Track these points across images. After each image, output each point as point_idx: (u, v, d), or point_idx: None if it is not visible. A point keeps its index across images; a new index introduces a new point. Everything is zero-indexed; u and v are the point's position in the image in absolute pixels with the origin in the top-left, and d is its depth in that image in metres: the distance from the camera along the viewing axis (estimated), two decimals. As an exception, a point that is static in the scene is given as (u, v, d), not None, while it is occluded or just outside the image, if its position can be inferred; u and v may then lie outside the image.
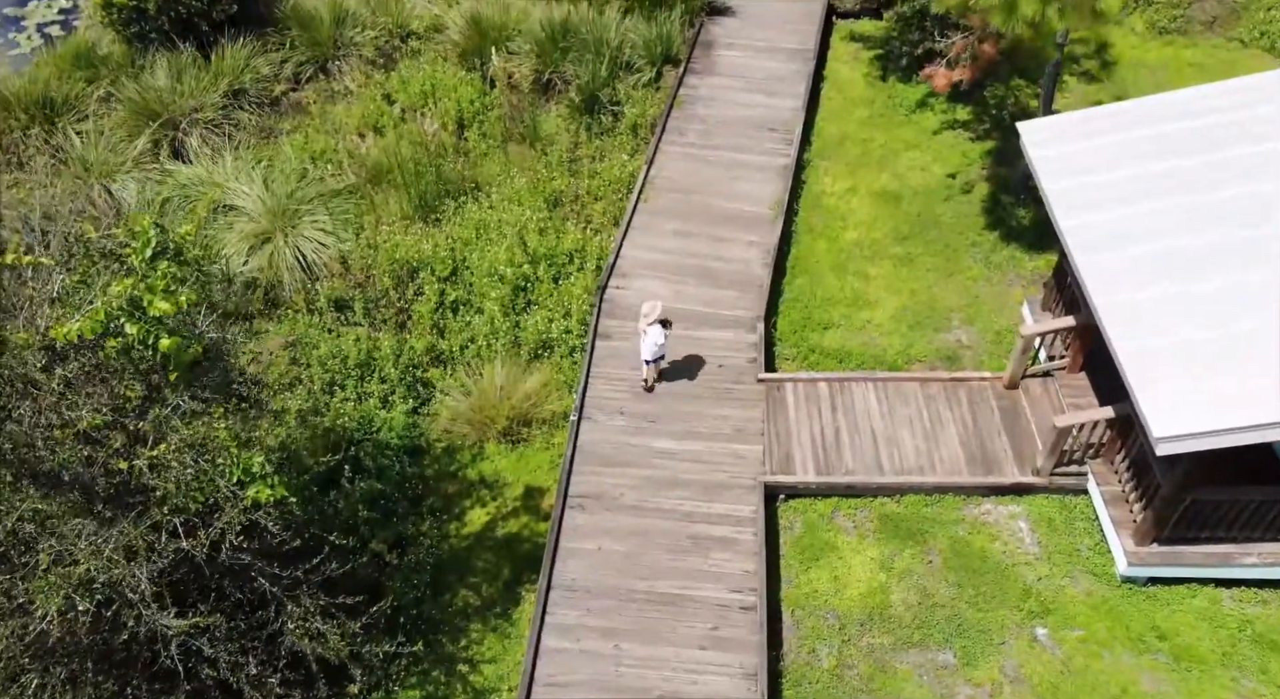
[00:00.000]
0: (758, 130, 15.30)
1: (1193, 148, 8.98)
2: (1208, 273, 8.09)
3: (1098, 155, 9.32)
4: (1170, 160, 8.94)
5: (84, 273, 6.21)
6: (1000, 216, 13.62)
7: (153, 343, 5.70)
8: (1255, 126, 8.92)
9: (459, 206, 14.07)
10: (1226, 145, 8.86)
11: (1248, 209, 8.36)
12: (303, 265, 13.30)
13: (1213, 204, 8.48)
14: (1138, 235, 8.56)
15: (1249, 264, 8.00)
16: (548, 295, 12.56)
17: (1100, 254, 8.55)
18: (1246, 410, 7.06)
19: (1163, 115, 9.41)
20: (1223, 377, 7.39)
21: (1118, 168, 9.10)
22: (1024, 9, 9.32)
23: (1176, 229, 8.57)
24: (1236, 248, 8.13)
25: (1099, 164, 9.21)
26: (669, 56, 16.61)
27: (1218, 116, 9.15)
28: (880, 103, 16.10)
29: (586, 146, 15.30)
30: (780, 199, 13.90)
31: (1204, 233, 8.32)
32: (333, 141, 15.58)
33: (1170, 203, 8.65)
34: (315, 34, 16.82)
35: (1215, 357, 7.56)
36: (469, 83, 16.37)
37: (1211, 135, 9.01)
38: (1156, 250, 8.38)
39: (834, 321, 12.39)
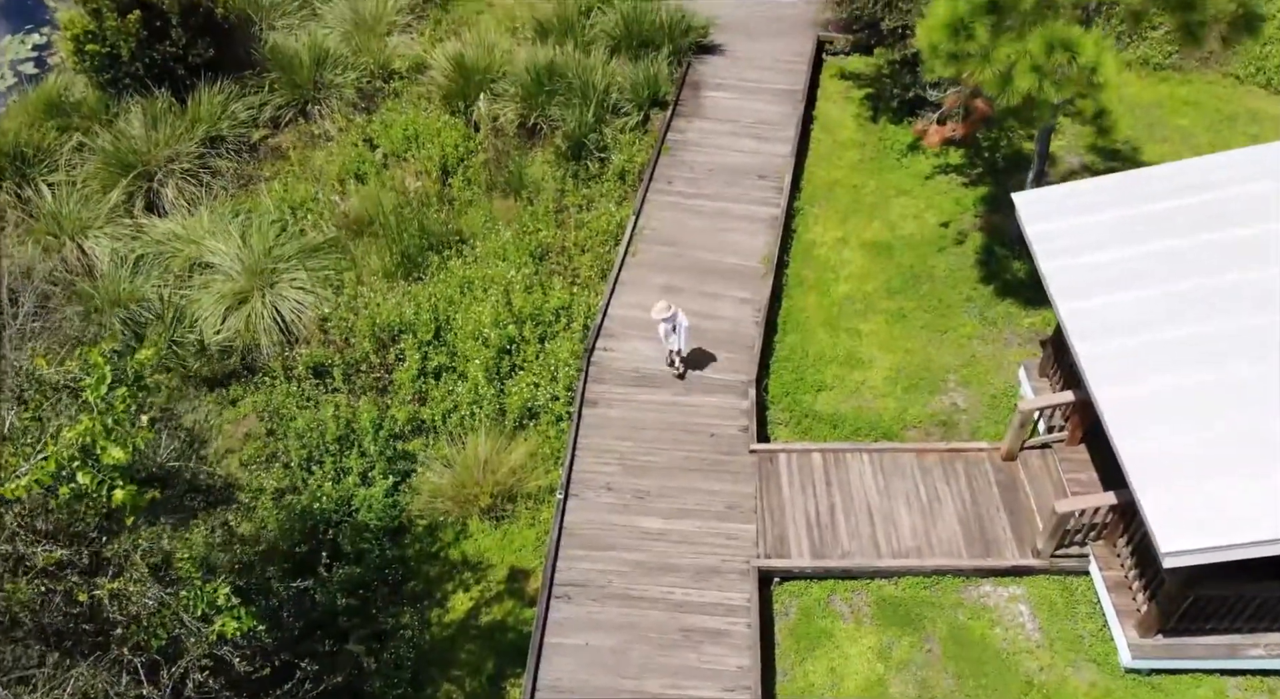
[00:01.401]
0: (747, 178, 15.02)
1: (1195, 227, 8.75)
2: (1215, 364, 7.85)
3: (1096, 233, 9.07)
4: (1171, 240, 8.71)
5: (36, 410, 5.87)
6: (995, 269, 13.38)
7: (107, 492, 5.37)
8: (1258, 204, 8.69)
9: (443, 261, 13.74)
10: (1229, 224, 8.63)
11: (1253, 294, 8.14)
12: (281, 327, 12.94)
13: (1217, 289, 8.25)
14: (1139, 323, 8.31)
15: (1257, 355, 7.76)
16: (533, 358, 12.24)
17: (1101, 343, 8.29)
18: (1262, 522, 6.81)
19: (1163, 190, 9.18)
20: (1236, 481, 7.14)
21: (1117, 247, 8.86)
22: (1019, 82, 9.06)
23: (1179, 316, 8.32)
24: (1243, 337, 7.90)
25: (1097, 242, 8.96)
26: (656, 99, 16.31)
27: (1219, 192, 8.93)
28: (871, 146, 15.84)
29: (573, 195, 14.99)
30: (770, 252, 13.61)
31: (1209, 320, 8.08)
32: (312, 190, 15.22)
33: (1172, 288, 8.41)
34: (295, 76, 16.46)
35: (1226, 459, 7.32)
36: (453, 127, 16.05)
37: (1214, 213, 8.78)
38: (1160, 340, 8.14)
39: (827, 383, 12.11)
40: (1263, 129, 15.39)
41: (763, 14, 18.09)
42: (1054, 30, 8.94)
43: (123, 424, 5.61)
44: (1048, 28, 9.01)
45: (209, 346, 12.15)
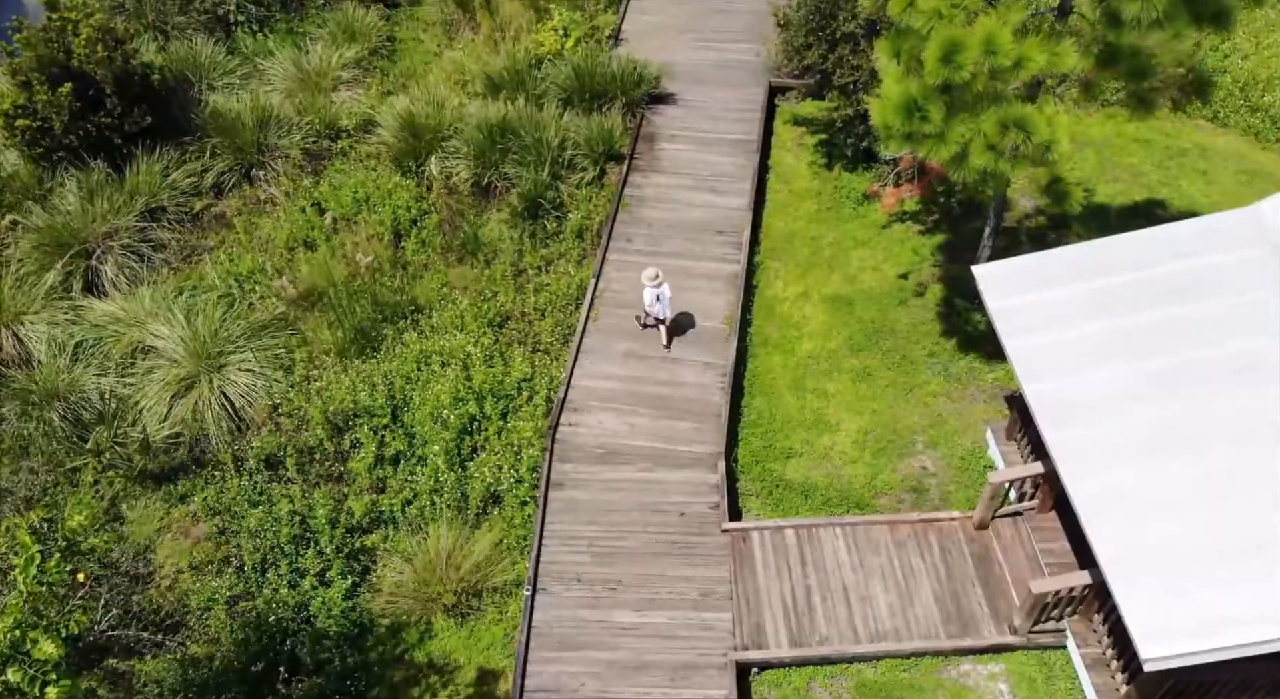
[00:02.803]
0: (706, 234, 14.88)
1: (1162, 301, 8.76)
2: (1189, 450, 7.83)
3: (1060, 308, 9.05)
4: (1138, 315, 8.71)
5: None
6: (956, 322, 13.38)
7: (39, 690, 4.94)
8: (1230, 275, 8.75)
9: (398, 334, 13.33)
10: (1201, 297, 8.66)
11: (1224, 373, 8.16)
12: (230, 413, 12.44)
13: (1187, 368, 8.26)
14: (1110, 406, 8.28)
15: (1231, 439, 7.76)
16: (495, 436, 11.90)
17: (1071, 429, 8.25)
18: (1244, 625, 6.76)
19: (1128, 261, 9.19)
20: (1216, 579, 7.10)
21: (1082, 323, 8.84)
22: (975, 161, 9.02)
23: (1150, 398, 8.31)
24: (1217, 420, 7.90)
25: (1062, 318, 8.94)
26: (611, 153, 16.12)
27: (1186, 262, 8.96)
28: (827, 195, 15.82)
29: (531, 256, 14.71)
30: (733, 312, 13.46)
31: (1181, 402, 8.08)
32: (260, 260, 14.74)
33: (1142, 367, 8.41)
34: (237, 139, 15.94)
35: (1205, 554, 7.28)
36: (404, 188, 15.68)
37: (1180, 286, 8.81)
38: (1133, 423, 8.11)
39: (796, 449, 11.96)
40: (1211, 164, 15.69)
41: (713, 61, 18.04)
42: (1007, 111, 8.92)
43: (52, 608, 5.19)
44: (1001, 108, 8.99)
45: (154, 444, 11.58)
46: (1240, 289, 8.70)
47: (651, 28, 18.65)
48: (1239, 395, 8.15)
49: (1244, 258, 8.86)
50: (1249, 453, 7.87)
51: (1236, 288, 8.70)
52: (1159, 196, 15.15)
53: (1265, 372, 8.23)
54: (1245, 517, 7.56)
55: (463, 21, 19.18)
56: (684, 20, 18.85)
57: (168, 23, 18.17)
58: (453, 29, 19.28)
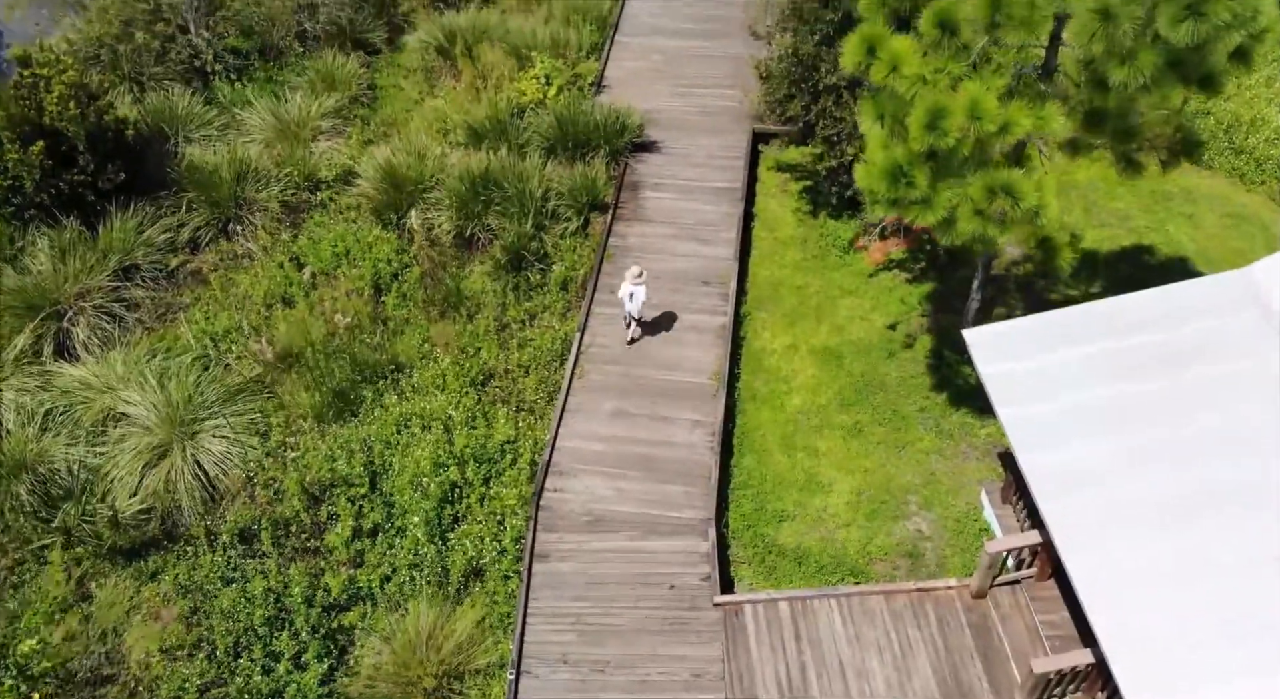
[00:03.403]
0: (692, 284, 14.67)
1: (1159, 367, 8.59)
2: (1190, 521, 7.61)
3: (1054, 375, 8.87)
4: (1135, 383, 8.53)
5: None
6: (946, 375, 13.19)
7: None
8: (1223, 340, 8.59)
9: (377, 395, 13.00)
10: (1195, 363, 8.50)
11: (1222, 444, 7.97)
12: (204, 483, 12.04)
13: (1185, 438, 8.06)
14: (1107, 476, 8.07)
15: (1235, 510, 7.55)
16: (478, 504, 11.55)
17: (1068, 500, 8.03)
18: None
19: (1123, 325, 9.03)
20: (1223, 661, 6.84)
21: (1077, 391, 8.65)
22: (962, 227, 8.88)
23: (1149, 468, 8.10)
24: (1219, 490, 7.69)
25: (1056, 386, 8.75)
26: (595, 203, 15.96)
27: (1182, 327, 8.80)
28: (813, 242, 15.68)
29: (514, 309, 14.45)
30: (721, 367, 13.21)
31: (1180, 473, 7.87)
32: (236, 318, 14.41)
33: (1139, 436, 8.20)
34: (214, 193, 15.67)
35: (1211, 634, 7.03)
36: (385, 240, 15.43)
37: (1178, 351, 8.64)
38: (1130, 495, 7.89)
39: (788, 511, 11.67)
40: (1197, 208, 15.68)
41: (696, 107, 17.96)
42: (994, 176, 8.79)
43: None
44: (988, 173, 8.86)
45: (123, 520, 11.15)
46: (1234, 355, 8.54)
47: (634, 74, 18.61)
48: (1237, 465, 7.96)
49: (1237, 323, 8.72)
50: (1249, 524, 7.67)
51: (1230, 354, 8.54)
52: (1146, 242, 15.10)
53: (1263, 441, 8.05)
54: (1249, 592, 7.33)
55: (444, 69, 19.08)
56: (666, 66, 18.82)
57: (144, 73, 17.95)
58: (434, 76, 19.18)
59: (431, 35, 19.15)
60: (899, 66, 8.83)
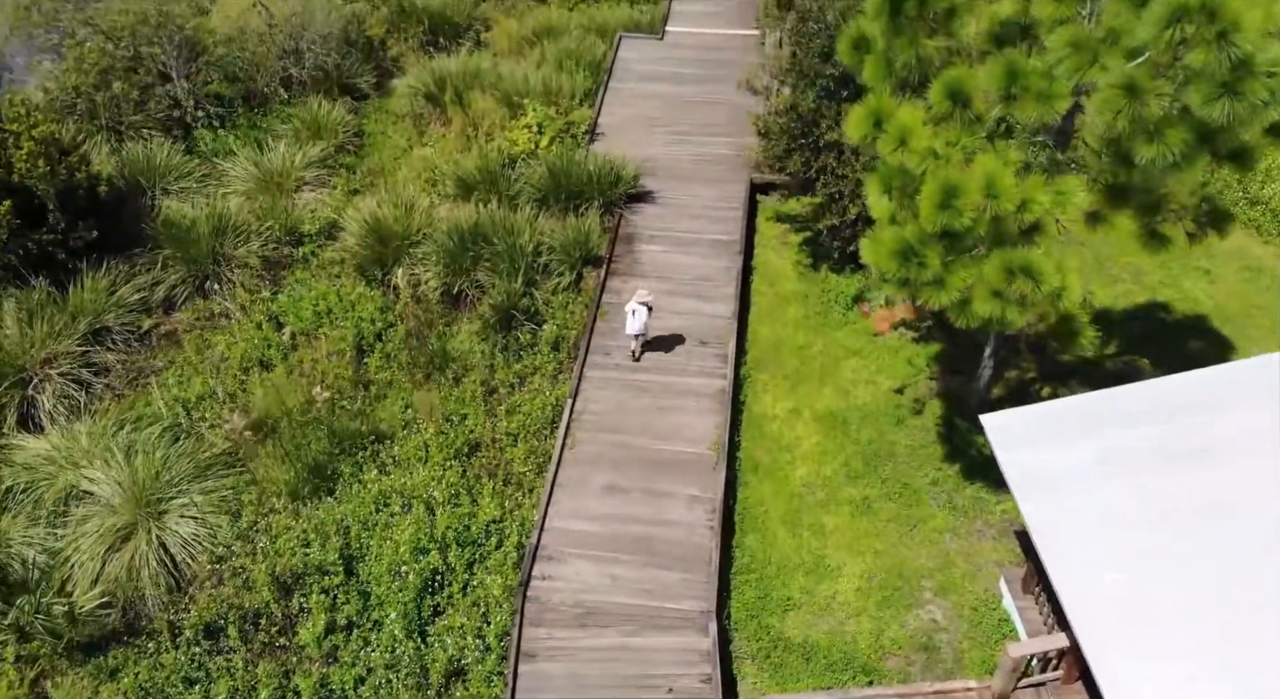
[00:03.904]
0: (689, 345, 14.03)
1: (1188, 462, 7.96)
2: (1225, 628, 6.95)
3: (1080, 468, 8.23)
4: (1164, 478, 7.90)
5: None
6: (958, 445, 12.53)
7: None
8: (1253, 433, 7.96)
9: (357, 469, 12.28)
10: (1225, 458, 7.88)
11: (1256, 543, 7.31)
12: (170, 568, 11.28)
13: (1217, 538, 7.42)
14: (1137, 579, 7.41)
15: (1272, 613, 6.87)
16: (460, 593, 10.79)
17: (1096, 603, 7.35)
18: None
19: (1151, 414, 8.41)
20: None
21: (1103, 485, 8.01)
22: (978, 309, 8.29)
23: (1181, 570, 7.45)
24: (1263, 596, 7.02)
25: (1079, 479, 8.11)
26: (589, 257, 15.37)
27: (1211, 418, 8.18)
28: (815, 298, 15.08)
29: (503, 371, 13.79)
30: (720, 436, 12.53)
31: (1212, 575, 7.23)
32: (211, 382, 13.73)
33: (1168, 535, 7.56)
34: (190, 249, 15.04)
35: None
36: (369, 298, 14.80)
37: (1206, 444, 8.02)
38: (1161, 599, 7.24)
39: (794, 599, 10.94)
40: (1213, 261, 15.10)
41: (692, 155, 17.45)
42: (1012, 255, 8.20)
43: None
44: (1005, 252, 8.27)
45: (81, 616, 10.38)
46: (1266, 450, 7.90)
47: (628, 121, 18.12)
48: (1270, 567, 7.29)
49: (1267, 413, 8.09)
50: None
51: (1261, 448, 7.90)
52: (1161, 297, 14.53)
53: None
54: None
55: (434, 116, 18.59)
56: (661, 113, 18.34)
57: (123, 122, 17.42)
58: (423, 122, 18.68)
59: (421, 81, 18.69)
60: (908, 140, 8.27)
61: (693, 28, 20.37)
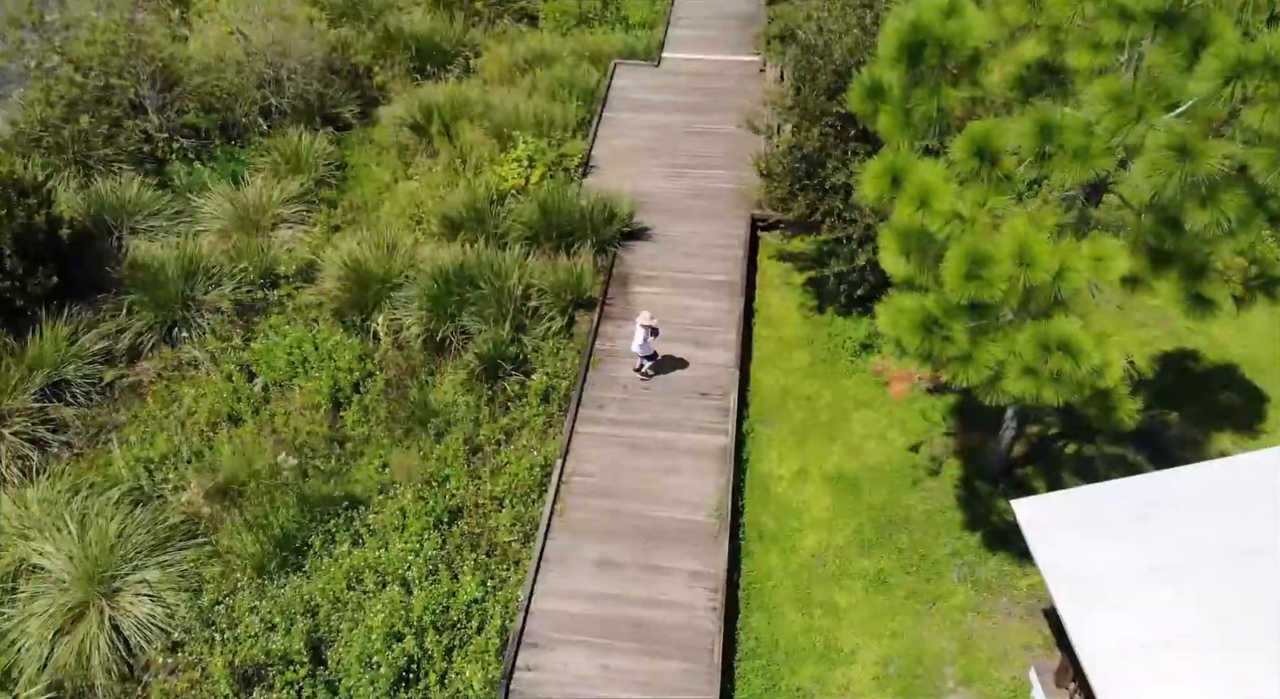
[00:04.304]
0: (688, 396, 13.16)
1: (1244, 563, 7.09)
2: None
3: (1124, 567, 7.37)
4: (1219, 583, 7.02)
5: None
6: (978, 510, 11.65)
7: None
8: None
9: (329, 538, 11.37)
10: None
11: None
12: (123, 653, 10.36)
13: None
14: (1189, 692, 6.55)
15: None
16: (437, 684, 9.85)
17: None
18: None
19: (1200, 502, 7.55)
20: None
21: (1154, 590, 7.14)
22: (1010, 387, 7.45)
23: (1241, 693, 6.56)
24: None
25: (1126, 583, 7.24)
26: (581, 300, 14.52)
27: (1271, 507, 7.31)
28: (820, 343, 14.22)
29: (488, 426, 12.90)
30: (722, 500, 11.63)
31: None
32: (176, 440, 12.84)
33: (1227, 652, 6.67)
34: (158, 294, 14.16)
35: None
36: (347, 346, 13.92)
37: (1265, 543, 7.15)
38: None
39: (805, 689, 10.01)
40: (1237, 305, 14.29)
41: (690, 189, 16.59)
42: (1047, 328, 7.35)
43: None
44: (1039, 325, 7.42)
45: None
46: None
47: (623, 153, 17.29)
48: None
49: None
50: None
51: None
52: (1188, 345, 13.66)
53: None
54: None
55: (420, 147, 17.77)
56: (658, 144, 17.50)
57: (91, 156, 16.58)
58: (409, 154, 17.86)
59: (407, 111, 17.85)
60: (929, 200, 7.42)
61: (690, 54, 19.58)
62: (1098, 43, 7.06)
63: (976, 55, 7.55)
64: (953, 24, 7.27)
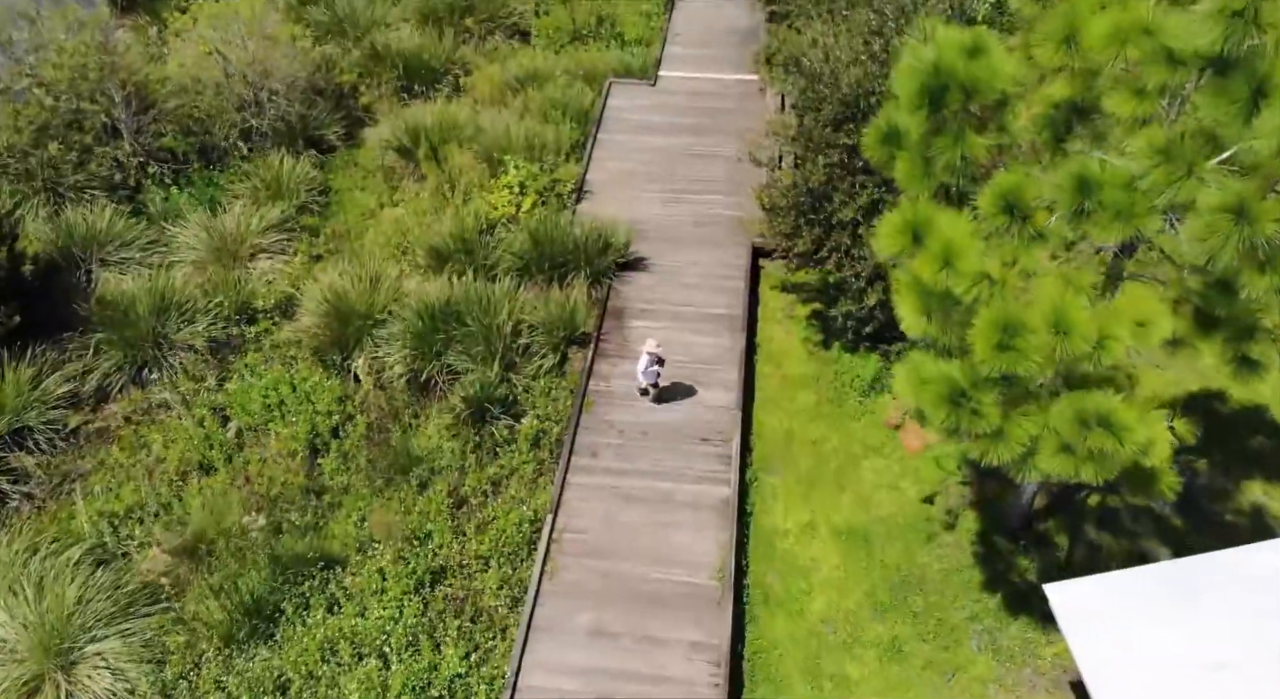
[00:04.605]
0: (687, 442, 12.41)
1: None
2: None
3: (1167, 662, 6.63)
4: (1260, 679, 6.29)
5: None
6: (999, 570, 10.90)
7: None
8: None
9: (302, 603, 10.59)
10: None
11: None
12: (78, 736, 9.63)
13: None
14: None
15: None
16: (419, 772, 9.16)
17: None
18: None
19: (1245, 589, 6.82)
20: None
21: (1193, 680, 6.39)
22: (1044, 465, 6.73)
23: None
24: None
25: (1165, 669, 6.50)
26: (574, 336, 13.78)
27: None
28: (826, 382, 13.48)
29: (475, 475, 12.16)
30: (725, 560, 10.88)
31: None
32: (144, 490, 12.09)
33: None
34: (128, 331, 13.42)
35: None
36: (327, 388, 13.17)
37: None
38: None
39: (813, 774, 9.31)
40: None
41: (688, 216, 15.83)
42: (1085, 402, 6.62)
43: None
44: (1076, 397, 6.69)
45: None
46: None
47: (618, 177, 16.55)
48: None
49: None
50: None
51: None
52: (1216, 386, 12.91)
53: None
54: None
55: (407, 171, 17.04)
56: (654, 167, 16.75)
57: (62, 183, 15.83)
58: (395, 178, 17.12)
59: (394, 134, 17.12)
60: (954, 260, 6.69)
61: (688, 72, 18.86)
62: (1140, 88, 6.33)
63: (1004, 99, 6.83)
64: (978, 66, 6.55)
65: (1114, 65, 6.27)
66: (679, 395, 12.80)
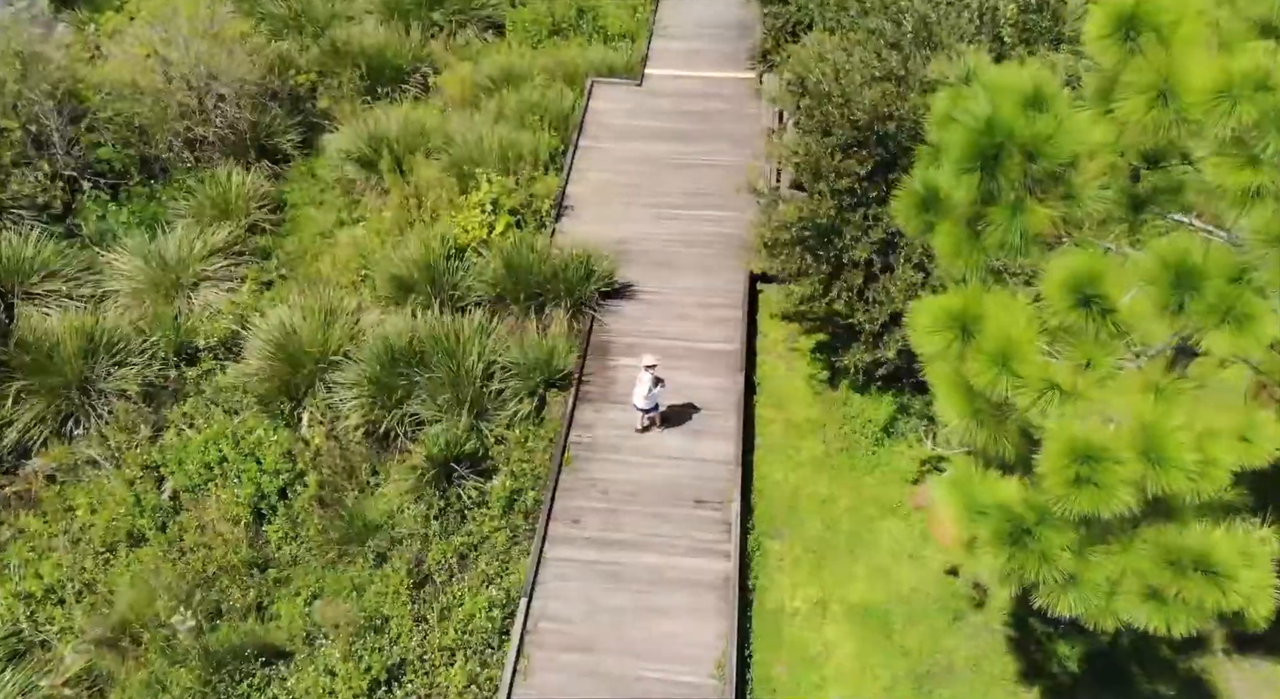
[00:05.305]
0: (681, 504, 11.02)
1: None
2: None
3: None
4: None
5: None
6: (1034, 657, 9.59)
7: None
8: None
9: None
10: None
11: None
12: None
13: None
14: None
15: None
16: None
17: None
18: None
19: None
20: None
21: None
22: (1124, 611, 5.34)
23: None
24: None
25: None
26: (553, 379, 12.33)
27: None
28: (834, 426, 12.07)
29: (440, 546, 10.77)
30: (726, 651, 9.52)
31: None
32: (64, 566, 10.69)
33: None
34: (52, 377, 11.92)
35: None
36: (274, 442, 11.70)
37: None
38: None
39: None
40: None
41: (679, 235, 14.25)
42: (1176, 540, 5.24)
43: None
44: (1165, 533, 5.31)
45: None
46: None
47: (602, 190, 14.95)
48: None
49: None
50: None
51: None
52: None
53: None
54: None
55: (368, 184, 15.42)
56: (642, 179, 15.13)
57: (-18, 205, 14.23)
58: (356, 191, 15.53)
59: (354, 143, 15.48)
60: (1011, 360, 5.26)
61: (677, 70, 17.19)
62: (1255, 157, 4.87)
63: (1073, 161, 5.35)
64: (1043, 124, 5.06)
65: (1222, 127, 4.81)
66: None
